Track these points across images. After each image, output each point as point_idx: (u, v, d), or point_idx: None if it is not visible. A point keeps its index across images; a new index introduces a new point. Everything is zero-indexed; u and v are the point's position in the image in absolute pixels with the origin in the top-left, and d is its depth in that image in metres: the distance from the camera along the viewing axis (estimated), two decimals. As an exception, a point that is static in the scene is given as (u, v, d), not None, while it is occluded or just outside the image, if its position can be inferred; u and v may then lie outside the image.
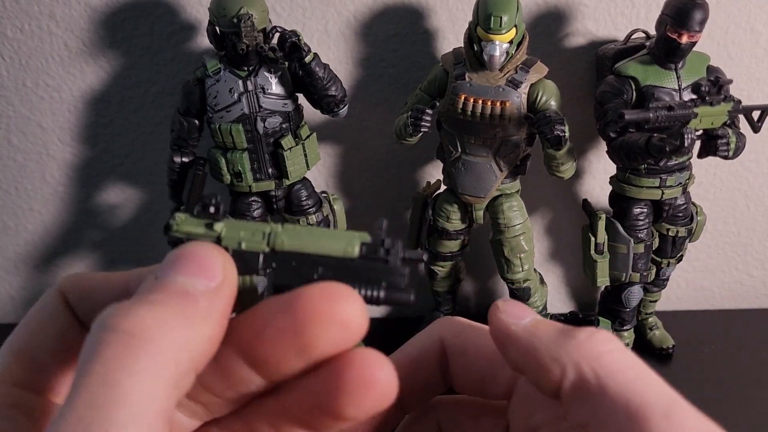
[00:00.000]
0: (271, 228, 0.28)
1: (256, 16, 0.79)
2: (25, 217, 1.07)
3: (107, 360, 0.21)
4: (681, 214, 0.93)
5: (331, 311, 0.25)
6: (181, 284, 0.25)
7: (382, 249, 0.28)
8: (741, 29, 0.94)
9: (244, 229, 0.28)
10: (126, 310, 0.23)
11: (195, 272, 0.25)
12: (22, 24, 0.93)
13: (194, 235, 0.28)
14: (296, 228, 0.28)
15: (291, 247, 0.28)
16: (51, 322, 0.27)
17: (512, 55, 0.83)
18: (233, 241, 0.28)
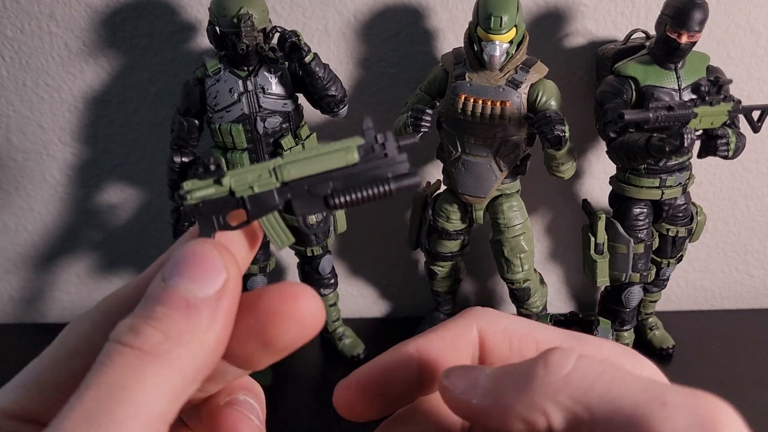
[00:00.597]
0: (274, 163, 0.29)
1: (256, 16, 0.79)
2: (25, 217, 1.07)
3: (117, 368, 0.23)
4: (681, 214, 0.93)
5: (288, 310, 0.27)
6: (186, 293, 0.25)
7: (377, 145, 0.29)
8: (741, 29, 0.94)
9: (249, 173, 0.29)
10: (136, 328, 0.24)
11: (198, 276, 0.26)
12: (22, 24, 0.93)
13: (208, 196, 0.28)
14: (296, 154, 0.29)
15: (299, 174, 0.29)
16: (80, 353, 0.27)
17: (512, 55, 0.83)
18: (245, 188, 0.29)
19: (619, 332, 1.00)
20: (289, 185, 0.29)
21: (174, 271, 0.26)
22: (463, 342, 0.30)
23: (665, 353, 1.00)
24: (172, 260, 0.26)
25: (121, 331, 0.24)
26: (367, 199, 0.29)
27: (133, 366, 0.23)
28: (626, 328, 1.00)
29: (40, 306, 1.14)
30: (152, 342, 0.24)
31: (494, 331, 0.31)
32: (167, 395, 0.23)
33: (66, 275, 1.12)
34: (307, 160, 0.29)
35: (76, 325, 0.28)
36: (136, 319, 0.24)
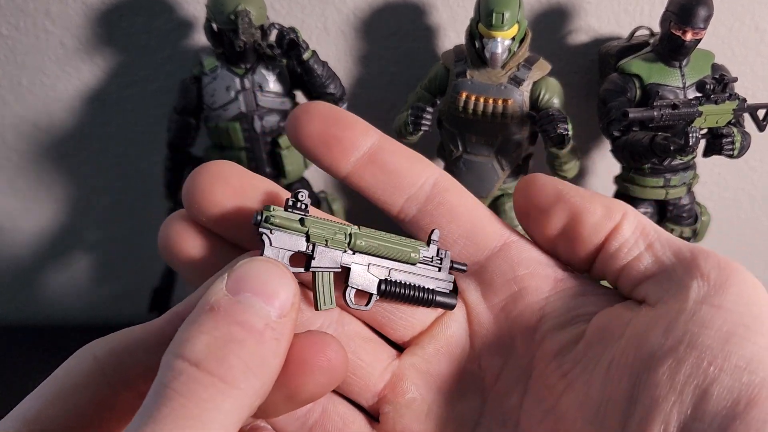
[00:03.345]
0: (351, 228, 0.31)
1: (254, 12, 0.78)
2: (21, 217, 1.06)
3: (195, 399, 0.21)
4: (685, 215, 0.92)
5: (316, 361, 0.26)
6: (261, 312, 0.24)
7: (436, 258, 0.32)
8: (746, 27, 0.93)
9: (328, 226, 0.30)
10: (218, 354, 0.22)
11: (272, 297, 0.25)
12: (17, 21, 0.92)
13: (287, 227, 0.29)
14: (370, 232, 0.31)
15: (366, 249, 0.31)
16: (84, 390, 0.26)
17: (514, 53, 0.82)
18: (321, 239, 0.30)
19: (623, 334, 0.99)
20: (355, 255, 0.31)
21: (245, 286, 0.25)
22: None
23: (669, 355, 0.99)
24: (241, 273, 0.25)
25: (199, 353, 0.22)
26: (409, 299, 0.32)
27: (214, 399, 0.22)
28: (630, 330, 0.99)
29: (35, 308, 1.13)
30: (235, 372, 0.22)
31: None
32: (235, 428, 0.23)
33: (61, 276, 1.11)
34: (380, 241, 0.31)
35: (79, 360, 0.27)
36: (214, 340, 0.23)
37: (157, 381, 0.22)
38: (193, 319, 0.24)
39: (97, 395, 0.26)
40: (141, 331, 0.27)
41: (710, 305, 0.26)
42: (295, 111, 0.33)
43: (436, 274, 0.32)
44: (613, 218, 0.31)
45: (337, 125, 0.33)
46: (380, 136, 0.34)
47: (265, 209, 0.29)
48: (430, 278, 0.32)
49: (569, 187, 0.32)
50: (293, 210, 0.30)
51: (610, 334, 0.28)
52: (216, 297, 0.24)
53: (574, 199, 0.31)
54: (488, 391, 0.31)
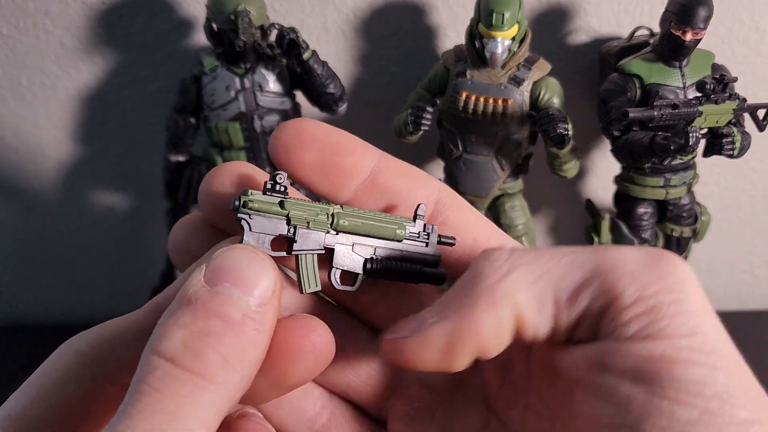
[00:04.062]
0: (333, 208, 0.30)
1: (254, 12, 0.78)
2: (20, 217, 1.06)
3: (172, 395, 0.21)
4: (685, 215, 0.92)
5: (301, 347, 0.26)
6: (239, 302, 0.24)
7: (423, 233, 0.31)
8: (746, 27, 0.93)
9: (309, 208, 0.30)
10: (195, 348, 0.22)
11: (250, 285, 0.24)
12: (17, 21, 0.92)
13: (266, 211, 0.28)
14: (353, 211, 0.30)
15: (350, 228, 0.30)
16: (68, 385, 0.26)
17: (514, 52, 0.81)
18: (302, 221, 0.29)
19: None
20: (339, 235, 0.30)
21: (223, 276, 0.24)
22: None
23: (669, 355, 0.99)
24: (218, 263, 0.24)
25: (175, 349, 0.22)
26: (397, 276, 0.31)
27: (192, 394, 0.21)
28: (630, 330, 0.99)
29: (35, 308, 1.13)
30: (213, 367, 0.22)
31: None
32: (216, 421, 0.22)
33: (61, 276, 1.11)
34: (364, 219, 0.30)
35: (61, 356, 0.26)
36: (190, 334, 0.22)
37: (135, 377, 0.22)
38: (171, 312, 0.23)
39: (81, 390, 0.26)
40: (124, 323, 0.27)
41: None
42: (282, 135, 0.29)
43: (423, 249, 0.31)
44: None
45: (337, 152, 0.30)
46: (380, 156, 0.32)
47: (242, 194, 0.28)
48: (417, 254, 0.31)
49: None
50: (272, 193, 0.29)
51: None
52: (194, 288, 0.24)
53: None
54: (492, 403, 0.31)
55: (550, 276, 0.25)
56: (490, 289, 0.25)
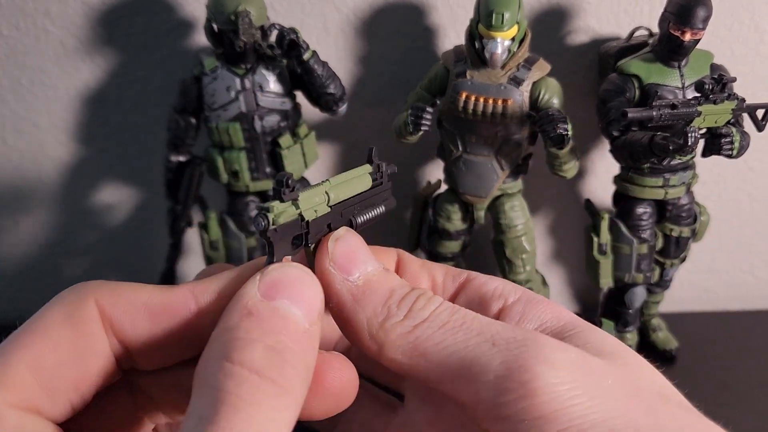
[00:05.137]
0: (325, 186, 0.31)
1: (254, 13, 0.78)
2: (21, 217, 1.06)
3: (261, 403, 0.22)
4: (684, 214, 0.92)
5: (322, 386, 0.27)
6: (298, 322, 0.25)
7: (378, 174, 0.33)
8: (745, 27, 0.93)
9: (315, 195, 0.30)
10: (271, 358, 0.23)
11: (307, 304, 0.25)
12: (17, 22, 0.92)
13: (287, 220, 0.28)
14: (336, 179, 0.31)
15: (339, 198, 0.31)
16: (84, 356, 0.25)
17: (514, 53, 0.82)
18: (312, 212, 0.29)
19: (622, 333, 0.98)
20: (333, 209, 0.31)
21: (280, 292, 0.25)
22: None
23: (669, 355, 0.99)
24: (274, 278, 0.25)
25: (259, 362, 0.22)
26: (371, 220, 0.33)
27: (279, 407, 0.22)
28: (629, 330, 0.99)
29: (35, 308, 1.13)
30: (292, 380, 0.23)
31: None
32: (291, 427, 0.23)
33: (61, 276, 1.11)
34: (346, 184, 0.31)
35: (79, 306, 0.25)
36: (269, 349, 0.23)
37: (213, 386, 0.22)
38: (235, 323, 0.24)
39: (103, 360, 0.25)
40: (158, 296, 0.26)
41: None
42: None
43: (381, 187, 0.34)
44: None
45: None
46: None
47: (264, 211, 0.27)
48: (379, 193, 0.33)
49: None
50: (287, 198, 0.28)
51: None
52: (252, 301, 0.24)
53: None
54: None
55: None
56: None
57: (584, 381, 0.23)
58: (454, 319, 0.26)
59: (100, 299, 0.25)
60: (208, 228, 0.90)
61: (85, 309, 0.25)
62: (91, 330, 0.25)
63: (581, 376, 0.23)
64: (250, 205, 0.89)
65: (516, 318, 0.29)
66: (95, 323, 0.25)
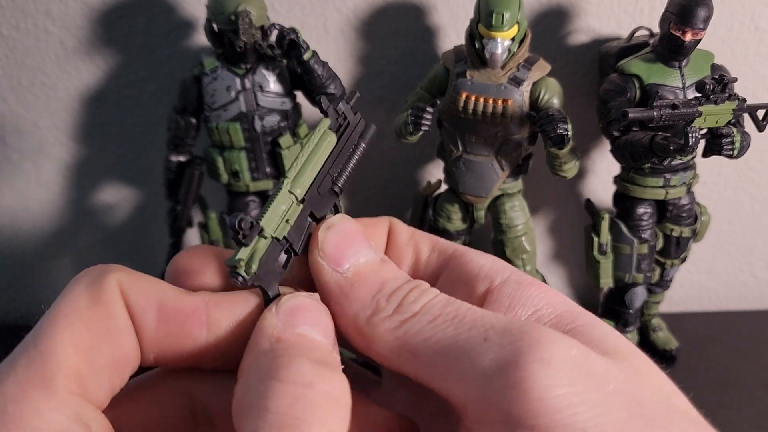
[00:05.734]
0: (286, 185, 0.29)
1: (254, 13, 0.78)
2: (20, 217, 1.06)
3: (318, 418, 0.22)
4: (685, 215, 0.92)
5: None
6: (323, 349, 0.25)
7: (340, 118, 0.31)
8: (745, 27, 0.93)
9: (276, 210, 0.28)
10: (323, 372, 0.23)
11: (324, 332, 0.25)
12: (17, 22, 0.92)
13: (261, 257, 0.27)
14: (293, 168, 0.30)
15: (308, 182, 0.30)
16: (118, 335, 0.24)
17: (514, 53, 0.81)
18: (283, 225, 0.28)
19: (623, 333, 0.98)
20: (306, 197, 0.29)
21: (302, 321, 0.25)
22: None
23: (669, 355, 0.99)
24: (293, 307, 0.25)
25: (308, 374, 0.22)
26: (355, 168, 0.31)
27: (338, 419, 0.22)
28: (629, 330, 0.99)
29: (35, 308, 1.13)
30: (341, 390, 0.23)
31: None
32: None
33: (61, 276, 1.11)
34: (307, 164, 0.29)
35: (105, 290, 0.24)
36: (313, 363, 0.23)
37: (262, 408, 0.22)
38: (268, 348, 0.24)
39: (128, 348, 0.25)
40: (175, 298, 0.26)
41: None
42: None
43: (350, 129, 0.32)
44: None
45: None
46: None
47: (234, 269, 0.26)
48: (351, 136, 0.32)
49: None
50: (248, 240, 0.27)
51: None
52: (277, 329, 0.24)
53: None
54: None
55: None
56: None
57: (583, 385, 0.21)
58: (446, 312, 0.25)
59: (121, 282, 0.25)
60: (208, 228, 0.90)
61: (110, 290, 0.24)
62: (118, 310, 0.24)
63: (580, 378, 0.21)
64: (250, 205, 0.89)
65: (505, 303, 0.26)
66: (120, 303, 0.24)
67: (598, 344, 0.24)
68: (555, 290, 0.28)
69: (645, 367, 0.24)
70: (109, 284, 0.24)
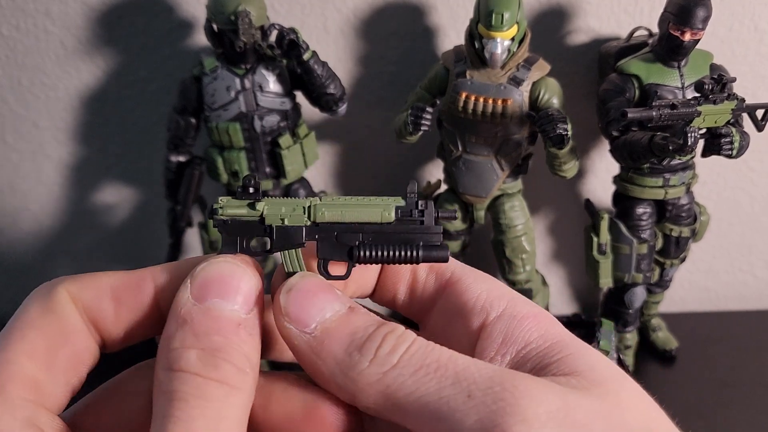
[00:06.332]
0: (311, 201, 0.29)
1: (254, 13, 0.79)
2: (20, 217, 1.06)
3: (209, 397, 0.23)
4: (684, 214, 0.92)
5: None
6: (230, 317, 0.25)
7: (416, 211, 0.30)
8: (744, 27, 0.93)
9: (285, 205, 0.29)
10: (206, 360, 0.24)
11: (235, 298, 0.26)
12: (17, 22, 0.92)
13: (238, 215, 0.29)
14: (334, 199, 0.30)
15: (331, 218, 0.29)
16: (71, 337, 0.26)
17: (514, 53, 0.82)
18: (276, 219, 0.29)
19: (622, 334, 0.98)
20: (320, 226, 0.29)
21: (209, 291, 0.26)
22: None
23: (668, 355, 0.99)
24: (202, 278, 0.26)
25: (196, 365, 0.24)
26: (391, 260, 0.29)
27: (224, 398, 0.24)
28: (629, 330, 0.99)
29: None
30: (231, 374, 0.24)
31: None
32: (245, 419, 0.25)
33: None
34: (344, 207, 0.29)
35: (54, 300, 0.27)
36: (203, 353, 0.24)
37: (165, 390, 0.24)
38: (171, 333, 0.25)
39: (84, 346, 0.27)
40: (122, 278, 0.28)
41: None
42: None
43: (420, 228, 0.30)
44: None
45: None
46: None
47: (215, 203, 0.29)
48: (415, 234, 0.30)
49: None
50: (243, 197, 0.29)
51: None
52: (185, 308, 0.25)
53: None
54: None
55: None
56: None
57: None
58: (427, 363, 0.24)
59: (69, 287, 0.27)
60: (208, 228, 0.90)
61: (58, 296, 0.26)
62: (69, 313, 0.26)
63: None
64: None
65: (498, 339, 0.27)
66: (70, 307, 0.26)
67: (584, 375, 0.24)
68: (551, 319, 0.28)
69: (629, 393, 0.25)
70: (58, 293, 0.27)
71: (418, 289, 0.31)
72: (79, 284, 0.27)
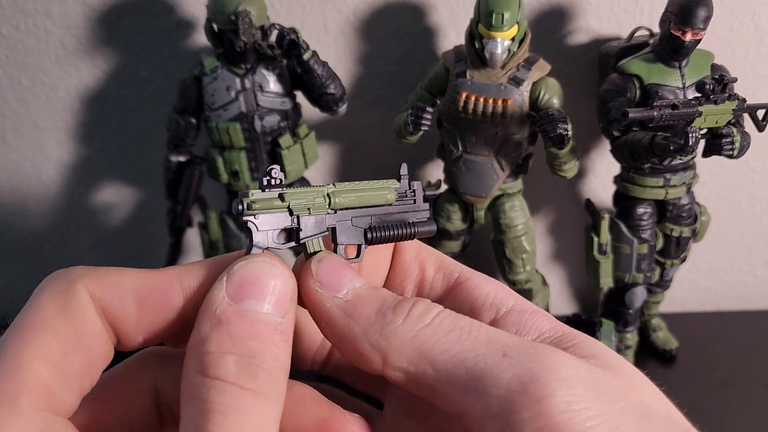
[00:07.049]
0: (328, 189, 0.31)
1: (254, 13, 0.78)
2: (20, 217, 1.06)
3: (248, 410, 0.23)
4: (685, 214, 0.92)
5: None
6: (267, 321, 0.25)
7: (409, 191, 0.33)
8: (745, 27, 0.93)
9: (307, 194, 0.30)
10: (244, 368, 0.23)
11: (272, 301, 0.25)
12: (17, 22, 0.92)
13: (271, 208, 0.29)
14: (345, 185, 0.31)
15: (346, 204, 0.31)
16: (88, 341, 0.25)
17: (514, 53, 0.81)
18: (303, 208, 0.30)
19: (623, 334, 0.98)
20: (337, 213, 0.31)
21: (246, 292, 0.25)
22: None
23: (669, 355, 0.99)
24: (239, 278, 0.25)
25: (235, 374, 0.23)
26: (394, 237, 0.32)
27: (263, 410, 0.23)
28: (629, 330, 0.99)
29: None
30: (268, 383, 0.24)
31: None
32: (278, 427, 0.24)
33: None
34: (356, 192, 0.31)
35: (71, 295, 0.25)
36: (241, 359, 0.24)
37: (199, 398, 0.23)
38: (206, 334, 0.24)
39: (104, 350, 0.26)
40: (147, 279, 0.27)
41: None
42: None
43: (412, 207, 0.33)
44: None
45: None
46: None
47: (242, 196, 0.28)
48: (408, 212, 0.33)
49: None
50: (270, 188, 0.29)
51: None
52: (221, 308, 0.24)
53: None
54: None
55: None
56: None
57: (598, 402, 0.22)
58: (460, 326, 0.25)
59: (89, 285, 0.26)
60: (208, 228, 0.90)
61: (77, 296, 0.25)
62: (88, 315, 0.25)
63: (595, 395, 0.22)
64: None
65: (513, 329, 0.28)
66: (90, 309, 0.25)
67: (599, 359, 0.25)
68: (552, 317, 0.29)
69: (642, 381, 0.26)
70: (77, 291, 0.25)
71: (426, 287, 0.31)
72: (101, 282, 0.26)
